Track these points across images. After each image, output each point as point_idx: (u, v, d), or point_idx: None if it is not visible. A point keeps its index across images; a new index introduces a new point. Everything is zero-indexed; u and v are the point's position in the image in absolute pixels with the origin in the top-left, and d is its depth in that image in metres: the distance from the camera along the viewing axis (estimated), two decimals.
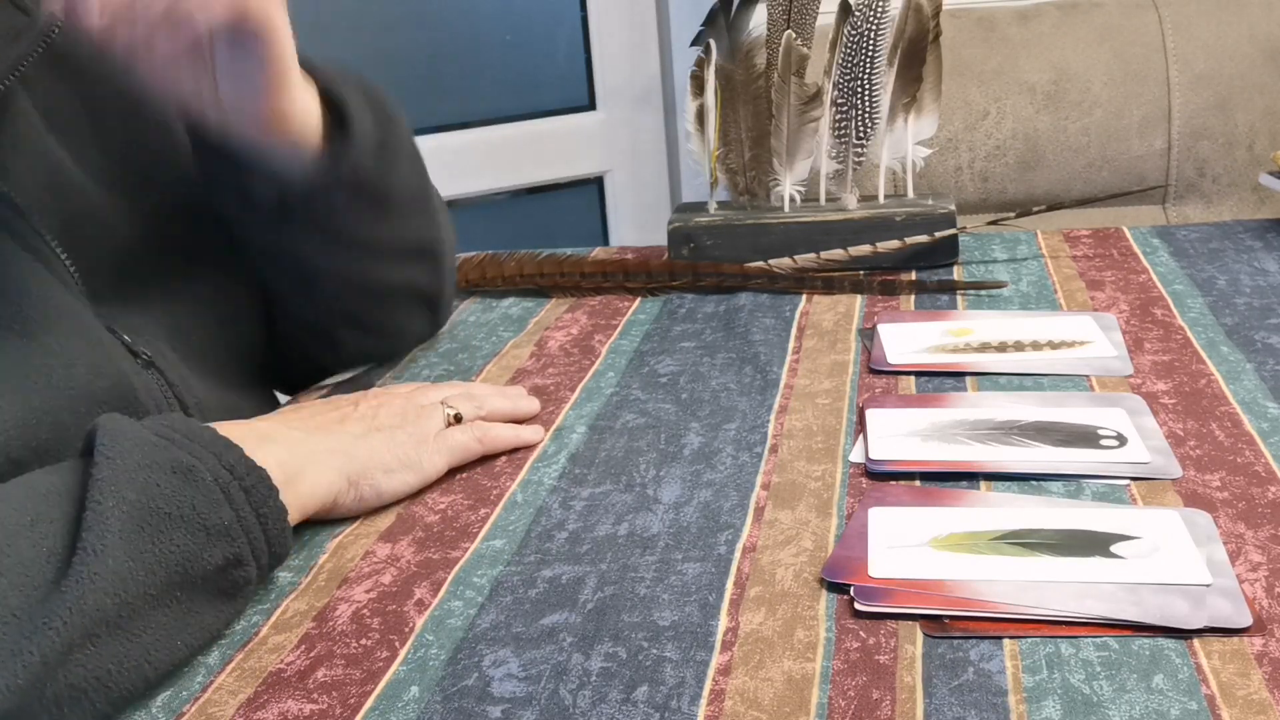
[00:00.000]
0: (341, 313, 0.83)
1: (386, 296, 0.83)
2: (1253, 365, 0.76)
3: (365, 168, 0.75)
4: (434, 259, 0.85)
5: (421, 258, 0.84)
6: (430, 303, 0.88)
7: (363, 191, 0.76)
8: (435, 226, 0.85)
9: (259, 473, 0.56)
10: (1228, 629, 0.50)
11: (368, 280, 0.81)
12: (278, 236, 0.77)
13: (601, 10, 1.96)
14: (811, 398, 0.76)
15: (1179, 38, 1.54)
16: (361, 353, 0.87)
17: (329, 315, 0.83)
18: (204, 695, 0.51)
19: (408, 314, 0.87)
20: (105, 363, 0.64)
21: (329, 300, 0.82)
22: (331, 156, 0.73)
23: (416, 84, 1.89)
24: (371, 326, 0.85)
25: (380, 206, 0.78)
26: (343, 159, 0.73)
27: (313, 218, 0.76)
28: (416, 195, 0.82)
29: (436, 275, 0.86)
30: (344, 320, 0.84)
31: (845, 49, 0.99)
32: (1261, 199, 1.55)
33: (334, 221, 0.77)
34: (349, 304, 0.82)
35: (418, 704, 0.49)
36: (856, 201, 1.03)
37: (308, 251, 0.78)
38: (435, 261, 0.85)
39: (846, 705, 0.47)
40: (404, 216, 0.81)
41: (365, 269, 0.80)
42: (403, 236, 0.81)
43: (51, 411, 0.61)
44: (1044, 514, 0.59)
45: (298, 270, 0.80)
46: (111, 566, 0.49)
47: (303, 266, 0.79)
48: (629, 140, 2.02)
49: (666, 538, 0.61)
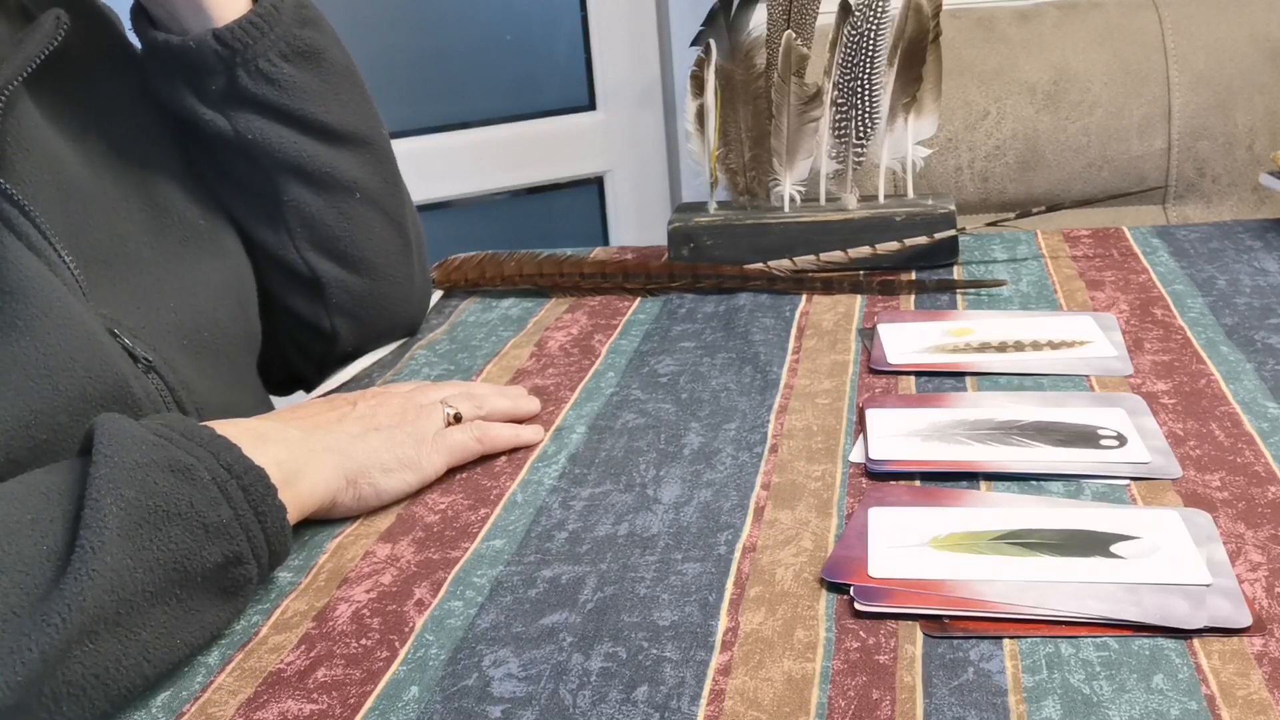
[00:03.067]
0: (312, 232, 0.84)
1: (351, 204, 0.85)
2: (1253, 365, 0.76)
3: (290, 16, 0.80)
4: (379, 157, 0.87)
5: (367, 150, 0.86)
6: (392, 221, 0.88)
7: (297, 47, 0.80)
8: (377, 120, 0.87)
9: (257, 471, 0.56)
10: (1228, 629, 0.50)
11: (326, 173, 0.83)
12: (233, 126, 0.80)
13: (601, 10, 1.96)
14: (811, 398, 0.76)
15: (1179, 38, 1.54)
16: (350, 294, 0.87)
17: (301, 239, 0.84)
18: (204, 695, 0.51)
19: (378, 240, 0.87)
20: (104, 365, 0.64)
21: (295, 213, 0.83)
22: (258, 5, 0.79)
23: (417, 84, 1.89)
24: (348, 256, 0.86)
25: (315, 65, 0.82)
26: (264, 3, 0.79)
27: (261, 87, 0.79)
28: (348, 70, 0.85)
29: (390, 184, 0.88)
30: (317, 245, 0.84)
31: (845, 49, 0.99)
32: (1261, 199, 1.55)
33: (281, 88, 0.80)
34: (316, 215, 0.83)
35: (418, 704, 0.49)
36: (856, 201, 1.03)
37: (265, 138, 0.80)
38: (382, 161, 0.87)
39: (846, 705, 0.47)
40: (340, 89, 0.83)
41: (320, 156, 0.82)
42: (345, 117, 0.84)
43: (50, 413, 0.61)
44: (1044, 514, 0.59)
45: (259, 181, 0.82)
46: (110, 564, 0.49)
47: (261, 170, 0.81)
48: (629, 140, 2.02)
49: (666, 538, 0.61)
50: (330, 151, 0.83)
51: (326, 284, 0.85)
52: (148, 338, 0.71)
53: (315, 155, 0.82)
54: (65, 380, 0.62)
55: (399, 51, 1.86)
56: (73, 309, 0.64)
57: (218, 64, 0.78)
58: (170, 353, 0.72)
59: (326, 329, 0.87)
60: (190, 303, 0.75)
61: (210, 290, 0.77)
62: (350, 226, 0.85)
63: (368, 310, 0.89)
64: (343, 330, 0.88)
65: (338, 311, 0.87)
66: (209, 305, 0.77)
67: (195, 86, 0.79)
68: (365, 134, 0.85)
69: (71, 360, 0.62)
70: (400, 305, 0.91)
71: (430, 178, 1.84)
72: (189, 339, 0.74)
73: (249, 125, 0.80)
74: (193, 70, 0.78)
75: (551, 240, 1.79)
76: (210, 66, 0.78)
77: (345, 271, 0.86)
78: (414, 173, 0.97)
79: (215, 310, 0.77)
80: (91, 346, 0.64)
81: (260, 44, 0.79)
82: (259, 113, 0.80)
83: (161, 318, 0.73)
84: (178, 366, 0.72)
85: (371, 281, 0.88)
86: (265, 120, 0.80)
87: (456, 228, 1.97)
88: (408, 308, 0.92)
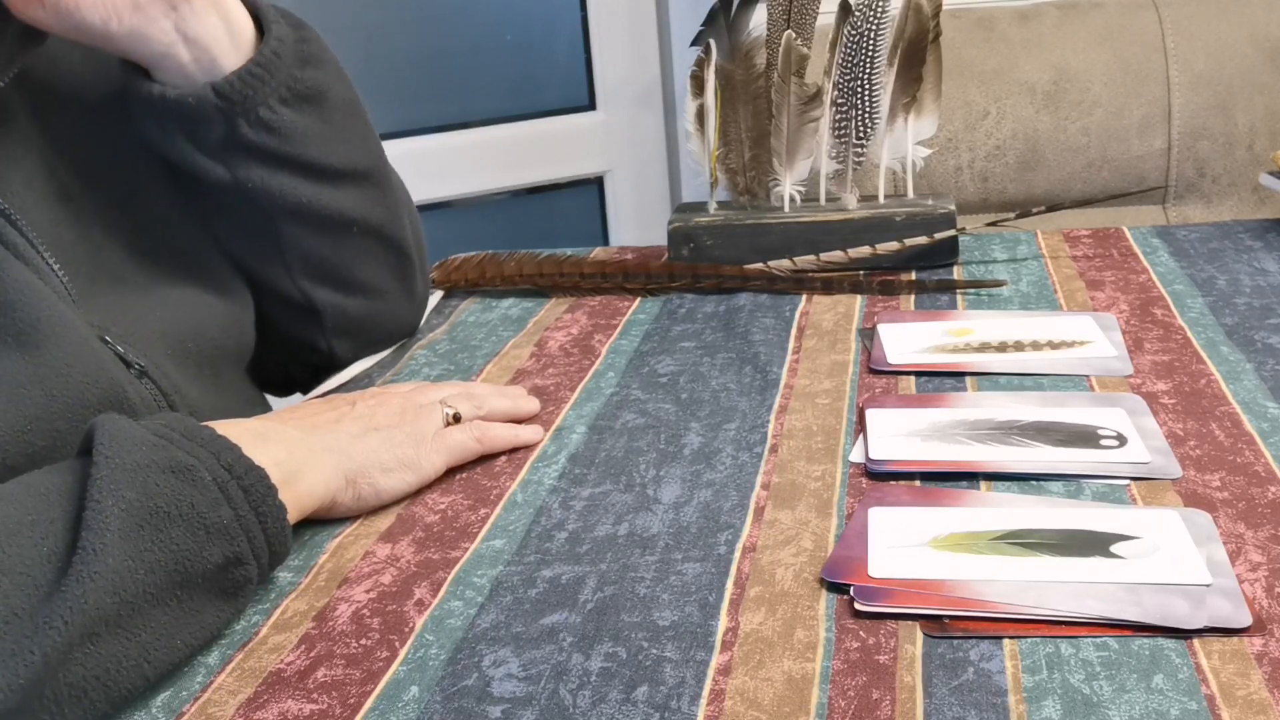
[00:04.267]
0: (308, 264, 0.82)
1: (348, 236, 0.82)
2: (1253, 365, 0.76)
3: (291, 57, 0.76)
4: (381, 187, 0.84)
5: (369, 183, 0.83)
6: (393, 246, 0.86)
7: (298, 90, 0.77)
8: (379, 150, 0.84)
9: (257, 472, 0.56)
10: (1228, 629, 0.50)
11: (325, 211, 0.80)
12: (231, 173, 0.77)
13: (601, 10, 1.96)
14: (811, 398, 0.76)
15: (1179, 38, 1.54)
16: (346, 317, 0.86)
17: (297, 270, 0.82)
18: (204, 695, 0.51)
19: (376, 265, 0.85)
20: (99, 371, 0.64)
21: (292, 247, 0.81)
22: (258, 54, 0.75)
23: (417, 84, 1.89)
24: (345, 281, 0.84)
25: (317, 106, 0.78)
26: (265, 50, 0.75)
27: (261, 136, 0.76)
28: (351, 104, 0.81)
29: (391, 211, 0.85)
30: (313, 275, 0.82)
31: (845, 49, 0.99)
32: (1261, 199, 1.55)
33: (282, 136, 0.77)
34: (313, 248, 0.81)
35: (418, 704, 0.49)
36: (856, 201, 1.03)
37: (264, 184, 0.77)
38: (384, 191, 0.84)
39: (846, 705, 0.47)
40: (343, 126, 0.81)
41: (319, 196, 0.80)
42: (347, 155, 0.81)
43: (46, 419, 0.61)
44: (1044, 514, 0.59)
45: (255, 219, 0.79)
46: (112, 566, 0.49)
47: (258, 210, 0.79)
48: (629, 140, 2.02)
49: (666, 538, 0.61)
50: (331, 191, 0.80)
51: (323, 310, 0.84)
52: (137, 344, 0.70)
53: (315, 197, 0.79)
54: (61, 387, 0.62)
55: (399, 51, 1.86)
56: (65, 316, 0.64)
57: (217, 116, 0.74)
58: (159, 359, 0.71)
59: (323, 348, 0.87)
60: (175, 314, 0.75)
61: (197, 302, 0.77)
62: (349, 256, 0.83)
63: (365, 329, 0.88)
64: (339, 349, 0.87)
65: (334, 334, 0.86)
66: (195, 316, 0.76)
67: (191, 136, 0.75)
68: (366, 167, 0.83)
69: (67, 367, 0.62)
70: (399, 319, 0.91)
71: (430, 178, 1.84)
72: (174, 348, 0.73)
73: (249, 174, 0.77)
74: (189, 121, 0.75)
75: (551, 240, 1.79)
76: (209, 118, 0.74)
77: (342, 296, 0.84)
78: (414, 173, 0.97)
79: (202, 321, 0.76)
80: (86, 353, 0.64)
81: (261, 92, 0.75)
82: (259, 160, 0.77)
83: (147, 325, 0.72)
84: (168, 372, 0.72)
85: (369, 302, 0.87)
86: (265, 168, 0.77)
87: (456, 228, 1.97)
88: (407, 319, 0.92)
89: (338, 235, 0.82)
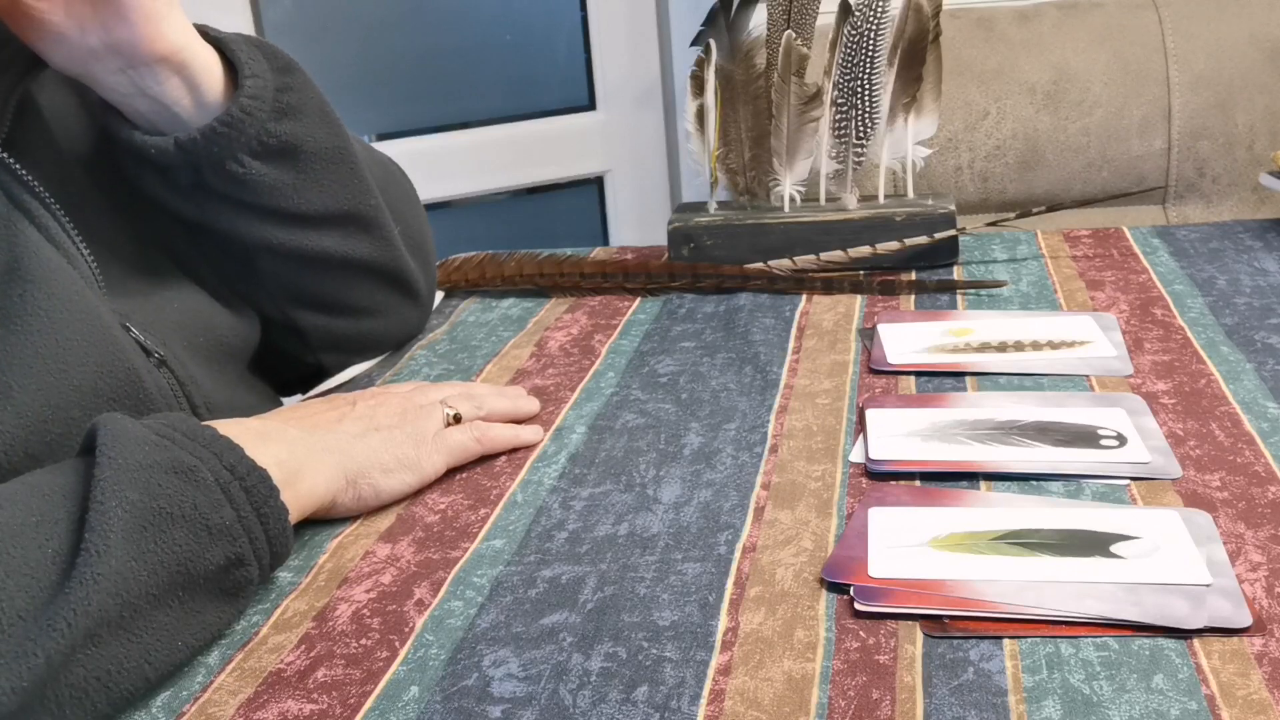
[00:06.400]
0: (289, 292, 0.81)
1: (330, 269, 0.80)
2: (1253, 365, 0.76)
3: (264, 112, 0.74)
4: (367, 225, 0.81)
5: (352, 223, 0.80)
6: (391, 276, 0.85)
7: (270, 145, 0.74)
8: (365, 192, 0.81)
9: (260, 473, 0.56)
10: (1228, 629, 0.50)
11: (303, 251, 0.78)
12: (201, 213, 0.75)
13: (601, 10, 1.96)
14: (811, 398, 0.76)
15: (1179, 38, 1.54)
16: (333, 337, 0.84)
17: (279, 298, 0.81)
18: (204, 695, 0.51)
19: (368, 289, 0.84)
20: (117, 359, 0.64)
21: (271, 279, 0.79)
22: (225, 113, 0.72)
23: (417, 84, 1.89)
24: (331, 305, 0.83)
25: (290, 159, 0.76)
26: (234, 108, 0.72)
27: (229, 186, 0.74)
28: (332, 151, 0.78)
29: (381, 244, 0.82)
30: (296, 301, 0.81)
31: (845, 49, 0.99)
32: (1261, 199, 1.55)
33: (250, 188, 0.75)
34: (293, 280, 0.80)
35: (418, 704, 0.49)
36: (856, 201, 1.03)
37: (235, 227, 0.76)
38: (370, 228, 0.81)
39: (846, 705, 0.47)
40: (321, 176, 0.78)
41: (295, 239, 0.78)
42: (324, 202, 0.78)
43: (64, 407, 0.61)
44: (1044, 514, 0.59)
45: (231, 251, 0.78)
46: (115, 567, 0.49)
47: (233, 245, 0.77)
48: (629, 140, 2.02)
49: (666, 538, 0.61)
50: (308, 233, 0.78)
51: (307, 331, 0.83)
52: (156, 334, 0.71)
53: (289, 239, 0.77)
54: (79, 373, 0.62)
55: (399, 51, 1.86)
56: (90, 302, 0.64)
57: (182, 164, 0.73)
58: (177, 349, 0.72)
59: (310, 362, 0.86)
60: (191, 305, 0.76)
61: (206, 300, 0.77)
62: (334, 286, 0.82)
63: (354, 344, 0.87)
64: (328, 361, 0.87)
65: (321, 350, 0.85)
66: (207, 311, 0.77)
67: (161, 177, 0.74)
68: (349, 211, 0.80)
69: (85, 354, 0.62)
70: (398, 330, 0.90)
71: (430, 178, 1.84)
72: (189, 341, 0.74)
73: (218, 216, 0.75)
74: (156, 165, 0.73)
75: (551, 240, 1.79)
76: (174, 165, 0.73)
77: (328, 318, 0.83)
78: (414, 173, 0.97)
79: (213, 317, 0.77)
80: (106, 340, 0.64)
81: (228, 148, 0.72)
82: (229, 206, 0.75)
83: (167, 316, 0.73)
84: (185, 362, 0.72)
85: (359, 321, 0.85)
86: (235, 213, 0.75)
87: (456, 228, 1.97)
88: (408, 327, 0.91)
89: (319, 270, 0.80)
